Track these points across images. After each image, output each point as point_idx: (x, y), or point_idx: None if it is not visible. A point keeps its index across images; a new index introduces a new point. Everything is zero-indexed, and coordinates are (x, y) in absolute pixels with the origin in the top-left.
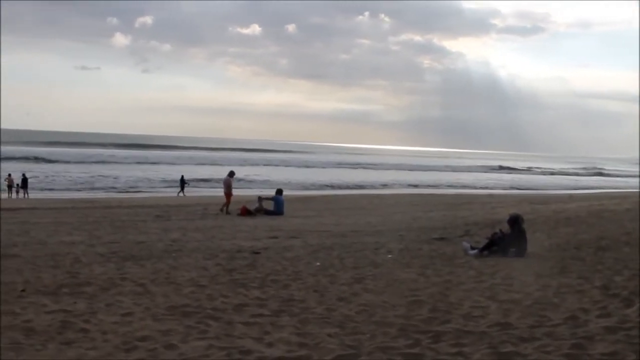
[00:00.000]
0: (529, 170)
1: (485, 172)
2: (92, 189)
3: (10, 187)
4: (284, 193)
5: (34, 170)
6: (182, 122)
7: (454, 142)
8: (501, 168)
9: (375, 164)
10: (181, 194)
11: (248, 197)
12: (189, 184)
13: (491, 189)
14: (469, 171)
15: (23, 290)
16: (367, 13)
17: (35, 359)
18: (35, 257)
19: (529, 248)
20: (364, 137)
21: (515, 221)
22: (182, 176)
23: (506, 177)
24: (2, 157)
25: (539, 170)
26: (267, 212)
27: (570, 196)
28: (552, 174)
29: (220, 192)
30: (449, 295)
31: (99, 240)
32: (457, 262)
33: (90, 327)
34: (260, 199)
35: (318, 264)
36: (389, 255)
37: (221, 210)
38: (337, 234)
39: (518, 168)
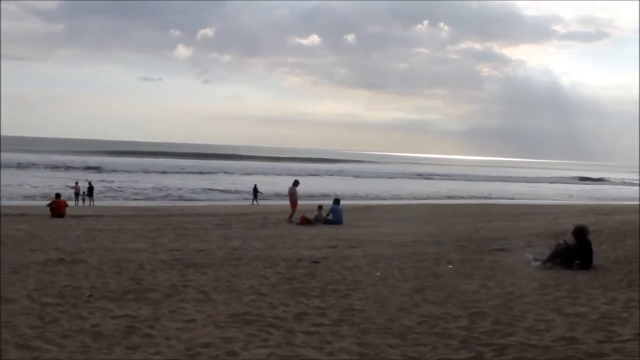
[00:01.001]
0: (601, 180)
1: (552, 182)
2: (155, 197)
3: (77, 194)
4: (342, 202)
5: (99, 179)
6: (243, 131)
7: (515, 151)
8: (581, 179)
9: (435, 174)
10: (255, 203)
11: (308, 207)
12: (262, 193)
13: (555, 199)
14: (534, 182)
15: (90, 295)
16: (426, 22)
17: None
18: (101, 263)
19: (594, 260)
20: (424, 147)
21: (580, 232)
22: (255, 185)
23: (574, 188)
24: (66, 166)
25: (616, 181)
26: (327, 222)
27: None
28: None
29: (282, 201)
30: (512, 308)
31: (162, 247)
32: (519, 273)
33: (154, 332)
34: (320, 208)
35: (378, 274)
36: (450, 266)
37: (289, 220)
38: (397, 244)
39: (593, 178)
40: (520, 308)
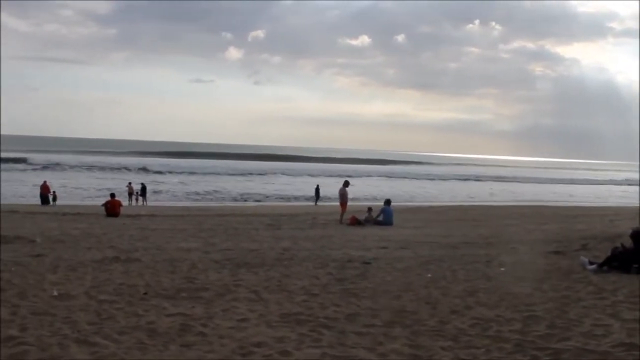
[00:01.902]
0: None
1: (619, 184)
2: (206, 198)
3: (130, 194)
4: (392, 203)
5: (151, 180)
6: (293, 132)
7: (568, 152)
8: None
9: (486, 176)
10: (316, 204)
11: (358, 208)
12: (320, 198)
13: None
14: (589, 183)
15: (145, 293)
16: (477, 21)
17: (159, 359)
18: (154, 261)
19: None
20: (475, 147)
21: (639, 235)
22: (317, 186)
23: (632, 190)
24: (120, 167)
25: None
26: (377, 223)
27: None
28: None
29: (331, 202)
30: (568, 312)
31: (213, 247)
32: (574, 277)
33: (208, 331)
34: (369, 209)
35: (429, 275)
36: (502, 269)
37: (340, 221)
38: (447, 245)
39: None
40: (576, 312)
